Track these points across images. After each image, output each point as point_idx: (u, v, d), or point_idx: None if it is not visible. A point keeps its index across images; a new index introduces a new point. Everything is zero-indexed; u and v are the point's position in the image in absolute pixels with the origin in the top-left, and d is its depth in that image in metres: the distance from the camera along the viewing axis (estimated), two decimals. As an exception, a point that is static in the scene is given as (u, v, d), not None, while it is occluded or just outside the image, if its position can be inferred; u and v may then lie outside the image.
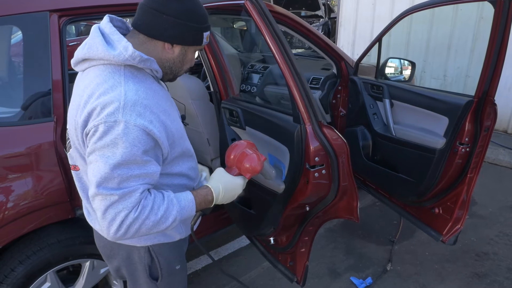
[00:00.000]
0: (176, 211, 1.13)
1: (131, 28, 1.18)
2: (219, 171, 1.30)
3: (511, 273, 2.52)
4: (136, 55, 1.07)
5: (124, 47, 1.07)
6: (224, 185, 1.25)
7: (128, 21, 1.33)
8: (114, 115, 1.01)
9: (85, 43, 1.12)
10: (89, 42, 1.11)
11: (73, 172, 1.27)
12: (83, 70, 1.15)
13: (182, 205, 1.15)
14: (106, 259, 1.42)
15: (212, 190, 1.24)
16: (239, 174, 1.31)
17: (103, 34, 1.11)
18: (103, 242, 1.35)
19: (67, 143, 1.23)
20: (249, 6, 1.52)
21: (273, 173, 1.58)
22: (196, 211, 1.21)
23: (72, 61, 1.16)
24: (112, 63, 1.09)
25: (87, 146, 1.06)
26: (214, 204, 1.26)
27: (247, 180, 1.33)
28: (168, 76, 1.23)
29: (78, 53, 1.13)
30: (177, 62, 1.19)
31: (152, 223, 1.08)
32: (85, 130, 1.05)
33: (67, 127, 1.20)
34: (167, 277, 1.36)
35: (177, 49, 1.16)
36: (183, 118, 1.35)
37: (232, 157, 1.31)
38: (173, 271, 1.38)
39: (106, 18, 1.15)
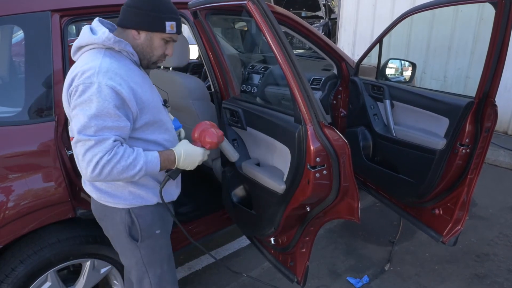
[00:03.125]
0: (143, 161, 1.36)
1: None
2: (184, 141, 1.55)
3: (511, 274, 2.53)
4: (110, 36, 1.36)
5: (102, 32, 1.37)
6: (185, 150, 1.50)
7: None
8: (90, 78, 1.29)
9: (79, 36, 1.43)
10: (80, 34, 1.41)
11: (72, 142, 1.44)
12: (78, 58, 1.42)
13: (148, 158, 1.39)
14: (98, 220, 1.63)
15: (175, 152, 1.48)
16: (201, 147, 1.56)
17: (91, 28, 1.41)
18: (96, 206, 1.57)
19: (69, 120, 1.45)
20: (251, 7, 1.52)
21: (236, 155, 1.89)
22: (161, 169, 1.43)
23: (71, 52, 1.45)
24: (96, 46, 1.38)
25: (70, 104, 1.33)
26: (177, 168, 1.49)
27: (208, 152, 1.57)
28: (143, 62, 1.49)
29: (74, 44, 1.43)
30: (145, 47, 1.45)
31: (122, 167, 1.31)
32: (69, 90, 1.33)
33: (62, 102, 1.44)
34: (147, 239, 1.55)
35: (143, 35, 1.43)
36: (164, 102, 1.62)
37: (196, 134, 1.57)
38: (152, 234, 1.57)
39: (96, 19, 1.45)
